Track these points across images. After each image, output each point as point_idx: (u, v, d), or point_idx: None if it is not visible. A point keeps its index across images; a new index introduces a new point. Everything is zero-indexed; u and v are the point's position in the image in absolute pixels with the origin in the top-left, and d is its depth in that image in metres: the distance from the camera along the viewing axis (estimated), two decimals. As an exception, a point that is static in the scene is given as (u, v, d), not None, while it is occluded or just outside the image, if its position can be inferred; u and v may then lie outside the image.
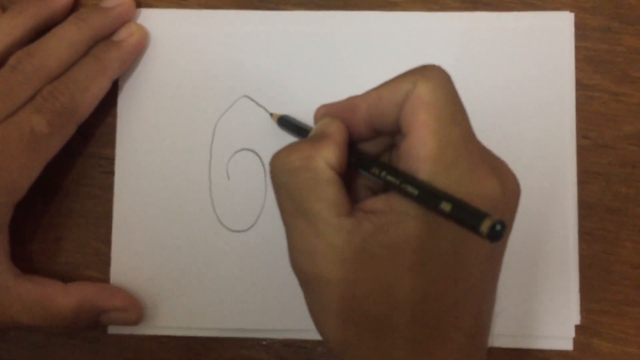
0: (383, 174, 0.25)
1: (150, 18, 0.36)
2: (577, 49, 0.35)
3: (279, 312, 0.34)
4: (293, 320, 0.34)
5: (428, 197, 0.23)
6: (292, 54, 0.35)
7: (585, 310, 0.34)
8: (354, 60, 0.35)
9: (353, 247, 0.25)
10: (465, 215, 0.22)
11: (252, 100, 0.35)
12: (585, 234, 0.34)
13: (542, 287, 0.34)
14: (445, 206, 0.22)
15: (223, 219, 0.35)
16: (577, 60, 0.35)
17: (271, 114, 0.35)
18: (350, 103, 0.28)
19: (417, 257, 0.24)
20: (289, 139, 0.35)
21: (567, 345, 0.34)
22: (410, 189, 0.24)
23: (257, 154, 0.35)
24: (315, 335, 0.34)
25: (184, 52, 0.36)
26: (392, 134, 0.27)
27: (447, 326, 0.25)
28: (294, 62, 0.35)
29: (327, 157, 0.26)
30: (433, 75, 0.25)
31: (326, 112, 0.29)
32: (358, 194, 0.28)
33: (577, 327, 0.34)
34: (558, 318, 0.34)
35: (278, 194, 0.27)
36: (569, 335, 0.34)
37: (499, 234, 0.21)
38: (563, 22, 0.35)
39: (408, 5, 0.36)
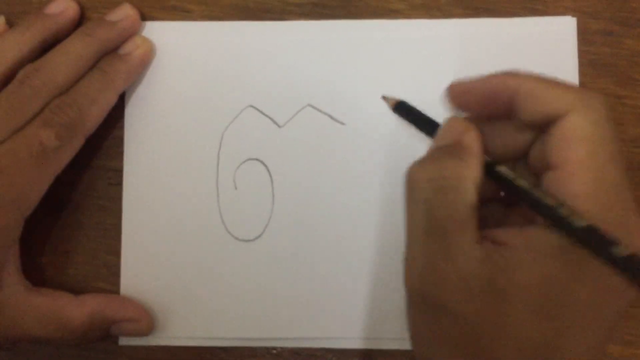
0: (549, 199, 0.23)
1: (156, 31, 0.36)
2: (580, 53, 0.35)
3: (288, 320, 0.34)
4: (303, 328, 0.34)
5: (597, 236, 0.21)
6: (296, 64, 0.36)
7: (593, 313, 0.34)
8: (357, 68, 0.35)
9: (483, 279, 0.23)
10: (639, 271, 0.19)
11: (258, 110, 0.36)
12: (592, 237, 0.34)
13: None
14: (617, 250, 0.20)
15: (231, 229, 0.35)
16: (581, 64, 0.35)
17: (384, 97, 0.33)
18: (495, 86, 0.26)
19: (549, 301, 0.23)
20: (293, 149, 0.35)
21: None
22: (577, 220, 0.21)
23: (263, 164, 0.35)
24: (324, 344, 0.34)
25: (189, 63, 0.36)
26: (524, 122, 0.25)
27: None
28: (298, 72, 0.36)
29: (475, 178, 0.25)
30: (596, 106, 0.24)
31: (466, 100, 0.27)
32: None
33: (586, 331, 0.34)
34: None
35: (413, 207, 0.25)
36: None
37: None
38: (566, 27, 0.35)
39: (410, 12, 0.36)
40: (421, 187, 0.25)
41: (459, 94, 0.28)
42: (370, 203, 0.35)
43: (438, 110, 0.34)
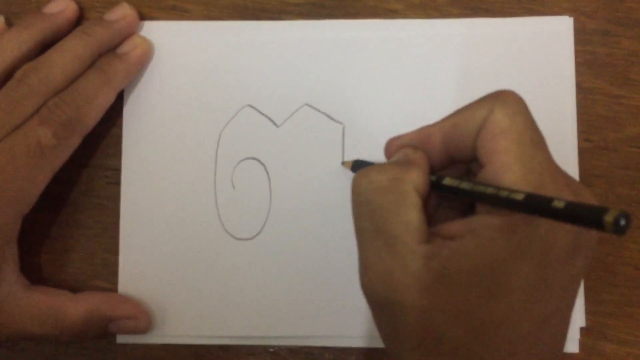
0: (490, 189, 0.24)
1: (154, 30, 0.36)
2: (577, 52, 0.35)
3: (285, 319, 0.34)
4: (300, 327, 0.34)
5: (537, 198, 0.22)
6: (294, 63, 0.36)
7: (590, 312, 0.34)
8: (355, 68, 0.35)
9: (431, 273, 0.24)
10: (583, 210, 0.21)
11: (256, 109, 0.36)
12: (589, 237, 0.34)
13: (546, 290, 0.34)
14: (558, 204, 0.21)
15: (229, 228, 0.35)
16: (577, 64, 0.35)
17: (342, 162, 0.35)
18: (424, 133, 0.28)
19: (497, 282, 0.24)
20: (291, 148, 0.35)
21: (572, 347, 0.34)
22: (515, 195, 0.23)
23: (261, 163, 0.35)
24: (322, 342, 0.35)
25: (187, 63, 0.36)
26: (467, 161, 0.27)
27: (522, 353, 0.25)
28: (296, 71, 0.36)
29: (415, 181, 0.26)
30: (509, 101, 0.25)
31: (401, 144, 0.29)
32: (431, 214, 0.28)
33: (582, 330, 0.34)
34: (563, 321, 0.34)
35: (358, 212, 0.27)
36: (575, 337, 0.34)
37: (624, 227, 0.19)
38: (563, 27, 0.35)
39: (408, 12, 0.36)
40: (363, 190, 0.26)
41: (397, 148, 0.29)
42: (368, 202, 0.35)
43: (434, 109, 0.35)
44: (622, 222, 0.19)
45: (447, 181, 0.26)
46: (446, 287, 0.24)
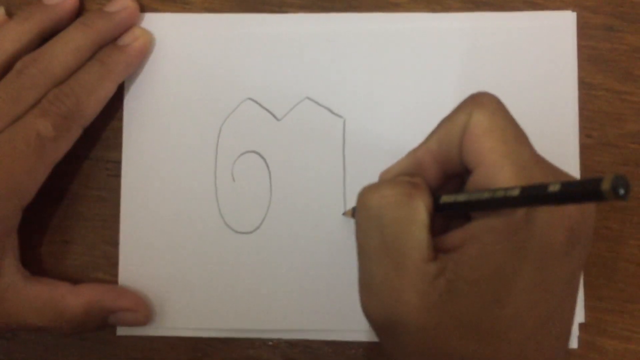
0: (486, 194, 0.24)
1: (155, 22, 0.36)
2: (580, 48, 0.35)
3: (284, 312, 0.35)
4: (299, 320, 0.34)
5: (532, 189, 0.22)
6: (295, 56, 0.36)
7: (589, 308, 0.34)
8: (356, 61, 0.35)
9: (438, 291, 0.24)
10: (580, 186, 0.20)
11: (257, 102, 0.36)
12: (589, 233, 0.34)
13: (546, 286, 0.34)
14: (554, 187, 0.21)
15: (229, 221, 0.35)
16: (580, 59, 0.35)
17: (344, 213, 0.35)
18: (414, 158, 0.27)
19: (502, 286, 0.24)
20: (292, 142, 0.35)
21: (572, 343, 0.34)
22: (511, 192, 0.23)
23: (261, 156, 0.35)
24: (321, 336, 0.35)
25: (188, 55, 0.36)
26: (461, 173, 0.27)
27: (530, 352, 0.25)
28: (297, 65, 0.36)
29: (425, 199, 0.25)
30: (486, 101, 0.25)
31: (394, 174, 0.28)
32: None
33: (582, 325, 0.34)
34: (562, 316, 0.34)
35: (366, 227, 0.26)
36: (574, 333, 0.34)
37: (624, 192, 0.19)
38: (565, 22, 0.35)
39: (410, 6, 0.36)
40: (375, 204, 0.26)
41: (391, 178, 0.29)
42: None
43: (435, 103, 0.35)
44: (621, 187, 0.19)
45: (444, 199, 0.26)
46: (453, 302, 0.24)
